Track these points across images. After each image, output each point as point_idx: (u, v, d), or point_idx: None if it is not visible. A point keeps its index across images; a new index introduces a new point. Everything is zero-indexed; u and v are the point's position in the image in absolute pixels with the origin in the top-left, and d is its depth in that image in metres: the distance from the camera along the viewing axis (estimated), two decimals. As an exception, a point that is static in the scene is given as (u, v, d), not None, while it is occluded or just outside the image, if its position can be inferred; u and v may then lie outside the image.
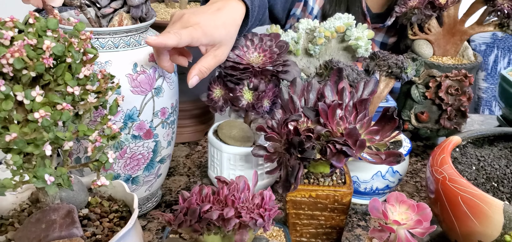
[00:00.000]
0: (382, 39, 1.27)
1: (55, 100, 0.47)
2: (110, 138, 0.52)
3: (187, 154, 1.03)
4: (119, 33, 0.69)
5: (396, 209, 0.60)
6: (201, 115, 1.09)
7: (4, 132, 0.46)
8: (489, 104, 1.80)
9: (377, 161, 0.68)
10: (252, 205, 0.58)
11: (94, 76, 0.51)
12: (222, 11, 0.75)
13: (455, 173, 0.68)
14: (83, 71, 0.49)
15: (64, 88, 0.49)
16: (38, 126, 0.45)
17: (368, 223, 0.81)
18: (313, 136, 0.66)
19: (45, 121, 0.44)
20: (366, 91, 0.71)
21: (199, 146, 1.07)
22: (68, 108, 0.47)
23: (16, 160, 0.47)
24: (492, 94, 1.79)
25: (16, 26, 0.49)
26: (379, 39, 1.27)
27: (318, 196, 0.70)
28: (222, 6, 0.75)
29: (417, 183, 0.95)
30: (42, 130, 0.45)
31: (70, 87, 0.48)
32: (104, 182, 0.51)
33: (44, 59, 0.46)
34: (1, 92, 0.44)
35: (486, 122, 1.27)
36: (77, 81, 0.49)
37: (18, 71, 0.46)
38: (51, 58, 0.46)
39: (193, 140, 1.08)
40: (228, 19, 0.75)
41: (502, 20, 1.00)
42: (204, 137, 1.11)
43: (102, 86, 0.51)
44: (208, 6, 0.76)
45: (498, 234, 0.61)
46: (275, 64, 0.80)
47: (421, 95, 1.04)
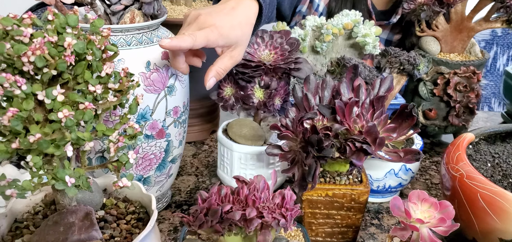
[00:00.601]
0: (387, 37, 1.26)
1: (76, 99, 0.45)
2: (132, 137, 0.51)
3: (194, 153, 1.01)
4: (131, 31, 0.68)
5: (418, 207, 0.59)
6: (207, 114, 1.07)
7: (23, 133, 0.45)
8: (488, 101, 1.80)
9: (395, 159, 0.68)
10: (273, 205, 0.57)
11: (116, 74, 0.49)
12: (237, 10, 0.73)
13: (473, 170, 0.67)
14: (105, 69, 0.48)
15: (85, 87, 0.47)
16: (61, 126, 0.44)
17: (381, 222, 0.81)
18: (331, 134, 0.65)
19: (68, 121, 0.43)
20: (382, 88, 0.70)
21: (206, 145, 1.05)
22: (90, 107, 0.45)
23: (36, 161, 0.45)
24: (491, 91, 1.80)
25: (34, 23, 0.47)
26: (384, 36, 1.26)
27: (334, 195, 0.69)
28: (236, 5, 0.74)
29: (427, 181, 0.94)
30: (65, 130, 0.44)
31: (92, 85, 0.47)
32: (126, 183, 0.50)
33: (66, 57, 0.44)
34: (23, 91, 0.43)
35: (490, 119, 1.27)
36: (99, 80, 0.48)
37: (39, 70, 0.45)
38: (73, 55, 0.45)
39: (200, 139, 1.07)
40: (243, 19, 0.74)
41: (510, 16, 1.00)
42: (210, 136, 1.09)
43: (124, 85, 0.49)
44: (223, 5, 0.74)
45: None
46: (287, 61, 0.79)
47: (429, 92, 1.03)
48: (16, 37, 0.45)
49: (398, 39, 1.26)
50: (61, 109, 0.44)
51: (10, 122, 0.41)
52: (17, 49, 0.43)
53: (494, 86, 1.79)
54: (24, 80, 0.43)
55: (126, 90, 0.50)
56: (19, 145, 0.42)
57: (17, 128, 0.42)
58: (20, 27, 0.45)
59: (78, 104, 0.46)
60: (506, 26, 1.02)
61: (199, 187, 0.89)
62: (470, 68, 0.99)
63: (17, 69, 0.45)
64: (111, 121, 0.64)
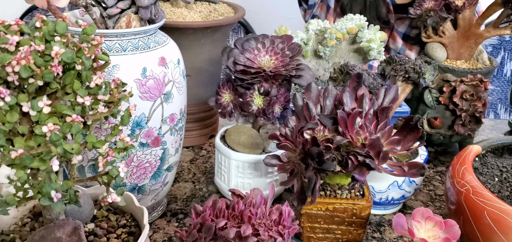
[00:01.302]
0: (405, 31, 1.23)
1: (63, 111, 0.43)
2: (122, 150, 0.48)
3: (192, 158, 0.99)
4: (127, 36, 0.65)
5: (422, 226, 0.57)
6: (206, 119, 1.05)
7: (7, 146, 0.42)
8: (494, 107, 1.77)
9: (398, 173, 0.65)
10: (270, 222, 0.55)
11: (106, 85, 0.47)
12: None
13: (480, 186, 0.65)
14: (94, 79, 0.45)
15: (73, 98, 0.45)
16: (45, 140, 0.41)
17: (383, 235, 0.78)
18: (332, 146, 0.63)
19: (54, 135, 0.40)
20: (387, 98, 0.67)
21: (204, 150, 1.03)
22: (78, 120, 0.43)
23: (20, 176, 0.43)
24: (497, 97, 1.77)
25: (21, 30, 0.45)
26: (402, 30, 1.23)
27: (335, 209, 0.67)
28: None
29: (431, 192, 0.92)
30: (50, 144, 0.42)
31: (80, 97, 0.44)
32: (115, 199, 0.47)
33: (52, 67, 0.42)
34: (6, 103, 0.41)
35: (496, 127, 1.24)
36: (88, 91, 0.45)
37: (24, 80, 0.42)
38: (60, 65, 0.42)
39: (197, 144, 1.05)
40: None
41: (518, 24, 0.97)
42: (209, 141, 1.07)
43: (115, 96, 0.47)
44: None
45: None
46: (287, 68, 0.77)
47: (434, 100, 1.00)
48: (1, 46, 0.42)
49: (416, 34, 1.22)
50: (46, 122, 0.42)
51: (-9, 136, 0.39)
52: (1, 58, 0.40)
53: (500, 92, 1.75)
54: (8, 91, 0.41)
55: (117, 102, 0.47)
56: (0, 160, 0.40)
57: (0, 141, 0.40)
58: (6, 35, 0.43)
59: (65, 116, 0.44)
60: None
61: (196, 194, 0.86)
62: (477, 76, 0.96)
63: (1, 79, 0.43)
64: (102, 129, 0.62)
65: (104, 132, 0.64)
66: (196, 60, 0.96)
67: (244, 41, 0.79)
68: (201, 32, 0.92)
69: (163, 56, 0.68)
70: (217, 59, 1.01)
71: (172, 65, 0.69)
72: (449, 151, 1.09)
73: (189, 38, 0.92)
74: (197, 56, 0.96)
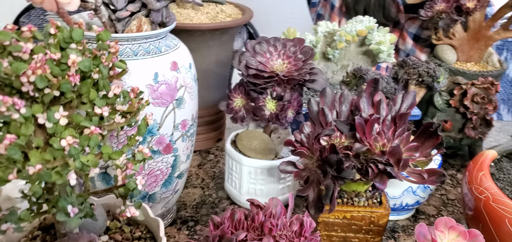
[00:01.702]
0: (416, 31, 1.21)
1: (81, 123, 0.41)
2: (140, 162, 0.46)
3: (200, 163, 0.97)
4: (138, 40, 0.63)
5: (445, 236, 0.55)
6: (213, 122, 1.03)
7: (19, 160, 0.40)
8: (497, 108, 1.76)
9: (418, 181, 0.63)
10: (291, 233, 0.53)
11: (125, 94, 0.45)
12: None
13: (499, 193, 0.64)
14: (113, 88, 0.43)
15: (90, 108, 0.43)
16: (63, 153, 0.39)
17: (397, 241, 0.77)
18: (351, 153, 0.61)
19: (73, 149, 0.38)
20: (405, 104, 0.66)
21: (211, 155, 1.01)
22: (96, 132, 0.41)
23: (35, 190, 0.41)
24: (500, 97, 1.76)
25: (34, 36, 0.43)
26: (413, 30, 1.21)
27: (353, 217, 0.65)
28: None
29: (443, 196, 0.90)
30: (68, 158, 0.40)
31: (98, 107, 0.42)
32: (134, 213, 0.45)
33: (70, 76, 0.40)
34: (22, 115, 0.38)
35: (503, 129, 1.23)
36: (106, 100, 0.43)
37: (39, 91, 0.40)
38: (78, 75, 0.40)
39: (205, 148, 1.03)
40: None
41: (529, 25, 0.96)
42: (216, 144, 1.05)
43: (134, 106, 0.45)
44: None
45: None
46: (301, 72, 0.75)
47: (444, 103, 0.99)
48: (14, 54, 0.40)
49: (428, 35, 1.20)
50: (64, 135, 0.40)
51: (7, 150, 0.37)
52: (16, 67, 0.38)
53: (503, 93, 1.74)
54: (23, 102, 0.39)
55: (135, 112, 0.45)
56: (17, 176, 0.38)
57: (15, 156, 0.38)
58: (19, 42, 0.41)
59: (82, 128, 0.42)
60: (525, 35, 0.98)
61: (205, 201, 0.84)
62: (488, 79, 0.95)
63: (15, 89, 0.41)
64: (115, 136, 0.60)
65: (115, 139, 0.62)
66: (203, 62, 0.94)
67: (255, 44, 0.77)
68: (210, 34, 0.91)
69: (175, 60, 0.66)
70: (225, 61, 0.99)
71: (184, 70, 0.67)
72: (458, 153, 1.07)
73: (197, 41, 0.90)
74: (205, 58, 0.94)
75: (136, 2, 0.67)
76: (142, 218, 0.47)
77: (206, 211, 0.81)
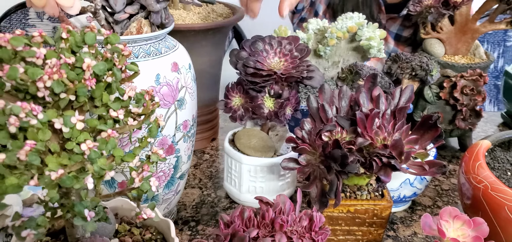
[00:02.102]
0: (397, 31, 1.23)
1: (98, 127, 0.41)
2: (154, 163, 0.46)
3: (196, 163, 0.97)
4: (138, 42, 0.63)
5: (450, 225, 0.57)
6: (207, 122, 1.03)
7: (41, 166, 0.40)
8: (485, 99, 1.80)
9: (419, 173, 0.65)
10: (302, 228, 0.54)
11: (139, 96, 0.45)
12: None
13: (497, 182, 0.65)
14: (128, 91, 0.43)
15: (105, 111, 0.43)
16: (83, 158, 0.39)
17: (397, 233, 0.78)
18: (354, 148, 0.62)
19: (93, 153, 0.38)
20: (403, 98, 0.67)
21: (206, 154, 1.01)
22: (113, 135, 0.41)
23: (53, 196, 0.41)
24: (482, 88, 1.79)
25: (45, 41, 0.43)
26: (394, 30, 1.23)
27: (356, 210, 0.66)
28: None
29: (437, 187, 0.92)
30: (87, 162, 0.40)
31: (113, 110, 0.42)
32: (150, 214, 0.45)
33: (86, 80, 0.40)
34: (39, 120, 0.38)
35: (489, 119, 1.26)
36: (120, 103, 0.43)
37: (55, 95, 0.40)
38: (94, 79, 0.40)
39: (200, 148, 1.03)
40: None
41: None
42: (210, 144, 1.05)
43: (149, 108, 0.45)
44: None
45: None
46: (298, 69, 0.76)
47: (434, 95, 1.01)
48: (27, 59, 0.40)
49: (409, 35, 1.22)
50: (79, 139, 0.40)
51: (27, 157, 0.37)
52: (32, 73, 0.38)
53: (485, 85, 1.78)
54: (40, 108, 0.39)
55: (149, 114, 0.46)
56: (38, 183, 0.38)
57: (34, 162, 0.37)
58: (31, 47, 0.40)
59: (99, 132, 0.42)
60: (510, 27, 1.00)
61: (205, 200, 0.85)
62: (476, 71, 0.97)
63: (29, 94, 0.41)
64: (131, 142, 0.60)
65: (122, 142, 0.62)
66: (197, 62, 0.93)
67: (251, 43, 0.78)
68: (203, 34, 0.91)
69: (175, 61, 0.66)
70: (217, 61, 0.99)
71: (184, 71, 0.68)
72: (448, 145, 1.10)
73: (190, 41, 0.90)
74: (198, 58, 0.94)
75: (134, 4, 0.67)
76: (157, 219, 0.47)
77: (207, 211, 0.81)
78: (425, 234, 0.77)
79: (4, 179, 0.38)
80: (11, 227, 0.42)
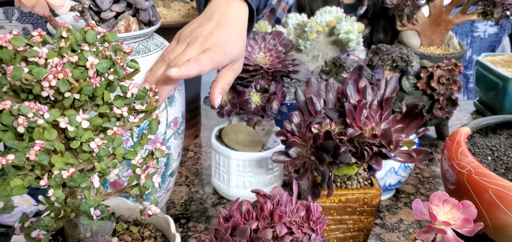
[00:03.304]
0: None
1: (103, 124, 0.41)
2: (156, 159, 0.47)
3: (181, 161, 0.97)
4: (127, 40, 0.63)
5: (441, 209, 0.59)
6: (190, 120, 1.03)
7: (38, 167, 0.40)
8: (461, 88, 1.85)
9: (407, 160, 0.67)
10: (300, 219, 0.55)
11: (142, 93, 0.45)
12: (230, 19, 0.68)
13: (480, 166, 0.68)
14: (131, 89, 0.43)
15: (108, 109, 0.43)
16: (91, 156, 0.39)
17: (384, 221, 0.80)
18: (345, 139, 0.63)
19: (102, 151, 0.38)
20: (389, 88, 0.69)
21: (191, 152, 1.01)
22: (119, 132, 0.41)
23: (59, 195, 0.41)
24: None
25: (44, 40, 0.42)
26: None
27: (348, 200, 0.68)
28: (227, 13, 0.69)
29: (418, 175, 0.95)
30: (94, 160, 0.39)
31: (117, 107, 0.42)
32: (155, 211, 0.46)
33: (91, 79, 0.40)
34: (45, 120, 0.38)
35: (462, 108, 1.30)
36: (124, 101, 0.43)
37: (60, 95, 0.40)
38: (98, 77, 0.40)
39: (184, 146, 1.03)
40: (240, 27, 0.69)
41: (485, 9, 1.02)
42: (194, 142, 1.05)
43: (152, 105, 0.45)
44: (213, 16, 0.69)
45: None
46: (284, 64, 0.77)
47: (412, 86, 1.04)
48: (30, 59, 0.40)
49: (367, 33, 1.25)
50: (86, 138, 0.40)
51: (37, 156, 0.37)
52: (37, 73, 0.38)
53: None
54: (46, 107, 0.38)
55: (151, 111, 0.46)
56: (49, 182, 0.37)
57: (43, 162, 0.37)
58: (32, 47, 0.40)
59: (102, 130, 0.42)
60: (482, 18, 1.04)
61: (193, 197, 0.85)
62: (452, 61, 1.00)
63: (32, 94, 0.40)
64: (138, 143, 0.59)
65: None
66: (180, 60, 0.94)
67: (236, 39, 0.78)
68: (185, 31, 0.90)
69: (164, 59, 0.66)
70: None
71: (173, 68, 0.67)
72: (425, 135, 1.13)
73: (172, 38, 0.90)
74: (181, 56, 0.94)
75: (120, 2, 0.67)
76: (162, 215, 0.47)
77: (196, 208, 0.82)
78: (411, 221, 0.79)
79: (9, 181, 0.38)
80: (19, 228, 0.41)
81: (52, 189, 0.40)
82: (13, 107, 0.36)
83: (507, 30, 1.89)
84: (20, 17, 1.70)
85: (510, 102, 1.10)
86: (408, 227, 0.79)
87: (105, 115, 0.43)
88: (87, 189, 0.44)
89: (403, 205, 0.85)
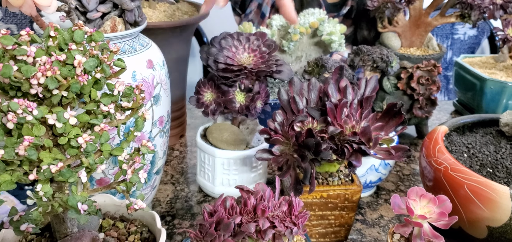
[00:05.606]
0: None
1: (91, 121, 0.42)
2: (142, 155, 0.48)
3: (166, 160, 0.98)
4: (114, 40, 0.64)
5: (418, 204, 0.61)
6: (176, 119, 1.04)
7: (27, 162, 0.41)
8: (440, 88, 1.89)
9: (386, 157, 0.69)
10: (282, 213, 0.56)
11: (129, 91, 0.46)
12: None
13: (456, 163, 0.70)
14: (117, 86, 0.45)
15: (95, 106, 0.44)
16: (78, 152, 0.40)
17: (365, 217, 0.82)
18: (326, 136, 0.65)
19: (89, 146, 0.40)
20: (369, 88, 0.71)
21: (176, 151, 1.02)
22: (106, 129, 0.42)
23: (47, 190, 0.42)
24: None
25: (32, 39, 0.43)
26: None
27: (329, 196, 0.70)
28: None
29: (398, 172, 0.98)
30: (82, 155, 0.41)
31: (104, 105, 0.44)
32: (141, 205, 0.47)
33: (78, 76, 0.41)
34: (34, 117, 0.39)
35: (442, 108, 1.33)
36: (111, 98, 0.44)
37: (48, 92, 0.41)
38: (86, 75, 0.41)
39: (169, 145, 1.04)
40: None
41: (463, 11, 1.05)
42: (179, 141, 1.06)
43: (138, 102, 0.47)
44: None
45: (507, 218, 0.64)
46: (268, 64, 0.79)
47: (392, 86, 1.06)
48: (18, 58, 0.41)
49: (350, 33, 1.27)
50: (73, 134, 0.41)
51: (26, 151, 0.38)
52: (26, 70, 0.39)
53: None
54: (35, 104, 0.40)
55: (138, 108, 0.47)
56: (37, 176, 0.39)
57: (32, 157, 0.38)
58: (21, 46, 0.41)
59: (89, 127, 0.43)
60: (460, 20, 1.07)
61: (179, 195, 0.86)
62: (431, 62, 1.03)
63: (20, 91, 0.42)
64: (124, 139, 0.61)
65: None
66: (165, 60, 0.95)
67: (221, 39, 0.80)
68: (170, 31, 0.92)
69: (150, 58, 0.67)
70: (184, 58, 1.01)
71: (158, 67, 0.69)
72: (405, 133, 1.16)
73: (158, 39, 0.91)
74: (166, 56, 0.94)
75: (107, 2, 0.68)
76: (148, 209, 0.49)
77: (181, 205, 0.83)
78: (391, 217, 0.82)
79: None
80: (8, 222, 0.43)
81: (41, 184, 0.42)
82: (2, 104, 0.38)
83: (486, 33, 1.93)
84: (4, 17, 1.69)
85: (487, 102, 1.13)
86: (388, 222, 0.81)
87: (92, 113, 0.45)
88: (75, 184, 0.45)
89: (384, 201, 0.87)
